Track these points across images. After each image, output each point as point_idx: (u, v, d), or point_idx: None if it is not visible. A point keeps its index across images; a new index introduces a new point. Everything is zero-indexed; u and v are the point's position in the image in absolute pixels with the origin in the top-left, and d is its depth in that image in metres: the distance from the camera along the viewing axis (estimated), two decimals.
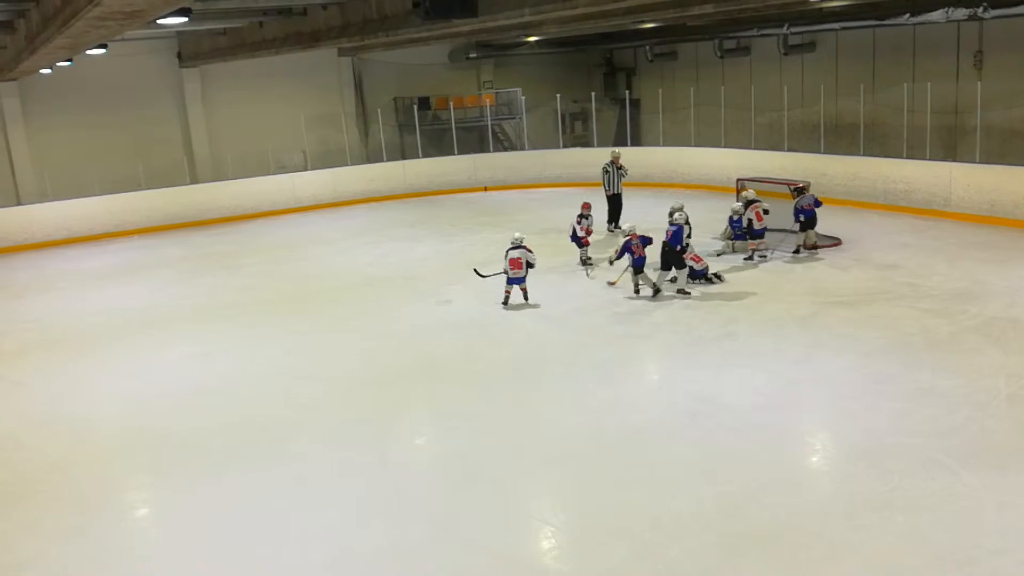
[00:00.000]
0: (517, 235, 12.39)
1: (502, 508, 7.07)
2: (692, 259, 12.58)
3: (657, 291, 12.37)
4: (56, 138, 22.54)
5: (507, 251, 12.33)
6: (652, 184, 21.33)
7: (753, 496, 6.93)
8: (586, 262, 14.14)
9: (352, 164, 24.53)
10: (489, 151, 25.00)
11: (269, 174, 23.35)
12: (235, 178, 23.13)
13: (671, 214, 12.58)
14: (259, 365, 11.08)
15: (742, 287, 12.76)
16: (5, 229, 20.69)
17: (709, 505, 6.85)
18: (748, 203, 14.24)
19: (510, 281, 12.39)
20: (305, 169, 24.07)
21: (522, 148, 25.51)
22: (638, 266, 12.27)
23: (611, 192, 17.16)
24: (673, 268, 12.49)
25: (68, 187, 21.67)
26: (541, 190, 22.78)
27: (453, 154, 24.51)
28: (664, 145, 23.03)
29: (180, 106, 23.97)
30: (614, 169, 17.06)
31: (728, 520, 6.60)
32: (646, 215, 16.15)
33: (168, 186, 22.44)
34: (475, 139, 25.61)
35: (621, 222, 16.37)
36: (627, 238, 12.22)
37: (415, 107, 24.65)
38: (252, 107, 24.45)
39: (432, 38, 19.49)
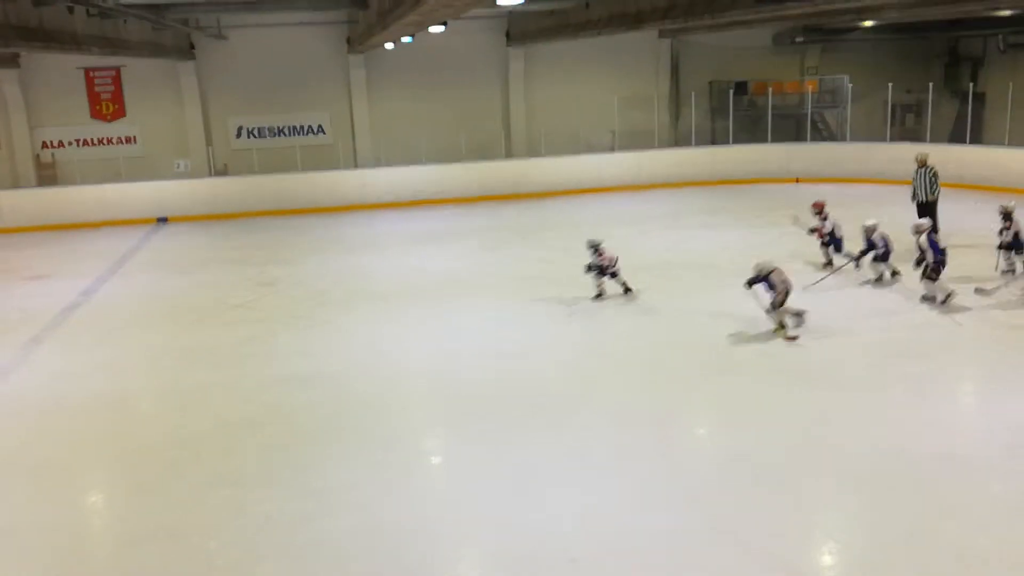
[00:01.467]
0: (597, 239, 12.60)
1: (785, 514, 6.70)
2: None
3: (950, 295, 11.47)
4: (392, 108, 24.60)
5: (598, 247, 12.47)
6: (989, 187, 19.23)
7: None
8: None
9: (660, 148, 24.50)
10: (806, 140, 23.80)
11: (578, 153, 23.94)
12: (546, 155, 23.97)
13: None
14: (552, 335, 11.38)
15: None
16: (344, 189, 22.97)
17: None
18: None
19: (613, 274, 12.53)
20: (613, 150, 24.37)
21: (843, 139, 24.01)
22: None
23: (920, 199, 15.31)
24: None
25: (399, 154, 23.63)
26: (860, 185, 21.32)
27: (766, 142, 23.64)
28: (1010, 145, 20.64)
29: (503, 84, 25.16)
30: (923, 173, 15.27)
31: None
32: (966, 222, 14.50)
33: (485, 159, 23.77)
34: (791, 127, 24.50)
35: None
36: (771, 272, 10.57)
37: (731, 91, 24.03)
38: (569, 87, 25.11)
39: (759, 20, 18.85)
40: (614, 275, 12.67)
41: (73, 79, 23.60)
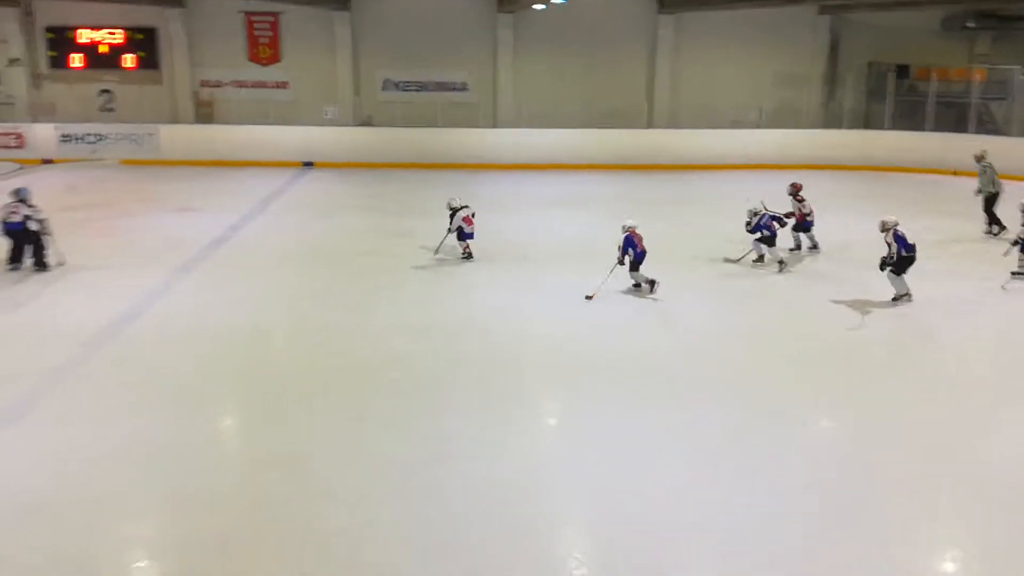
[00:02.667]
0: (458, 201, 13.44)
1: (906, 519, 6.45)
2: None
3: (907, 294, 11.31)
4: (536, 70, 24.53)
5: (456, 212, 13.23)
6: None
7: None
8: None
9: (808, 128, 23.62)
10: (968, 131, 22.43)
11: (722, 128, 23.34)
12: (689, 127, 23.48)
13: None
14: (672, 312, 11.23)
15: None
16: (482, 147, 23.22)
17: None
18: None
19: (468, 236, 13.29)
20: (759, 127, 23.64)
21: (1008, 134, 22.50)
22: (639, 260, 11.68)
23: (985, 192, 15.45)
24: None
25: (538, 117, 23.62)
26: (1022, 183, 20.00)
27: (924, 130, 22.43)
28: None
29: (650, 52, 24.68)
30: (982, 168, 15.48)
31: None
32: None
33: (624, 128, 23.49)
34: (953, 117, 23.10)
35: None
36: (627, 233, 11.64)
37: (891, 74, 22.86)
38: (718, 59, 24.42)
39: (929, 2, 17.83)
40: (468, 237, 13.39)
41: (234, 22, 24.53)
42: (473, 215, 13.38)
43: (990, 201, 15.43)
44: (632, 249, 11.55)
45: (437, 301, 11.57)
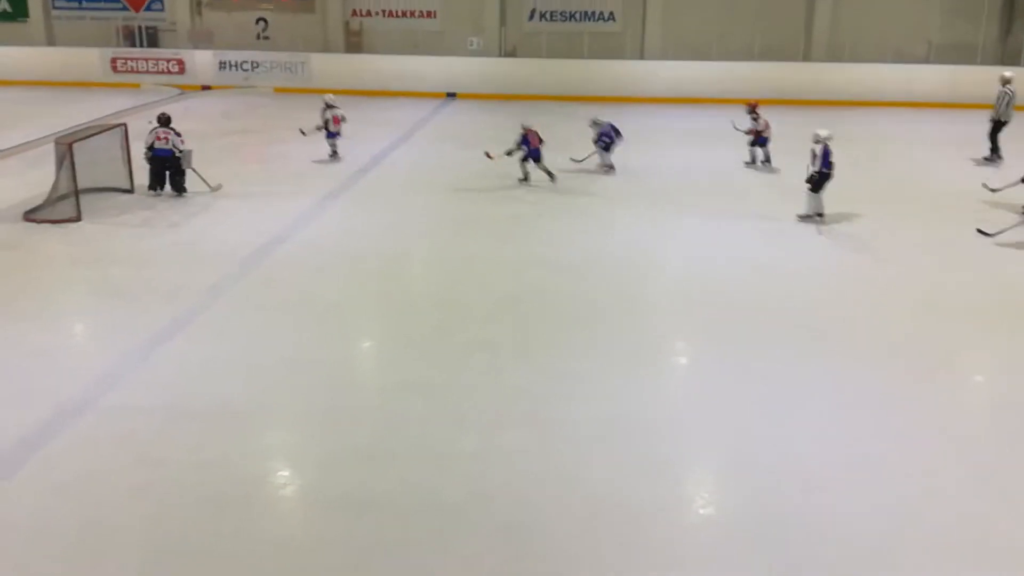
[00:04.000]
0: (331, 97, 15.17)
1: None
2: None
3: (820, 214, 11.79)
4: (686, 1, 23.65)
5: (327, 109, 14.90)
6: None
7: None
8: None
9: (981, 64, 21.89)
10: None
11: (885, 61, 21.95)
12: (849, 61, 22.19)
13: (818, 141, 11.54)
14: (819, 257, 10.82)
15: None
16: (627, 80, 22.73)
17: None
18: None
19: (333, 135, 15.10)
20: (926, 62, 22.10)
21: None
22: (534, 156, 13.52)
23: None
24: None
25: (687, 49, 22.84)
26: None
27: None
28: None
29: None
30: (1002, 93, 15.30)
31: None
32: None
33: (780, 60, 22.43)
34: None
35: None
36: (524, 132, 13.46)
37: None
38: None
39: None
40: (334, 136, 15.17)
41: None
42: (343, 117, 15.12)
43: (997, 128, 15.44)
44: (526, 145, 13.42)
45: (574, 236, 11.52)
